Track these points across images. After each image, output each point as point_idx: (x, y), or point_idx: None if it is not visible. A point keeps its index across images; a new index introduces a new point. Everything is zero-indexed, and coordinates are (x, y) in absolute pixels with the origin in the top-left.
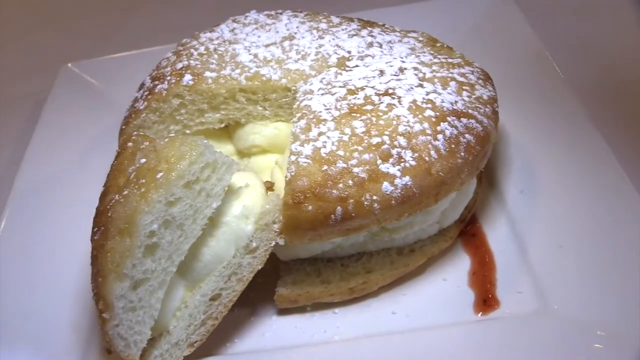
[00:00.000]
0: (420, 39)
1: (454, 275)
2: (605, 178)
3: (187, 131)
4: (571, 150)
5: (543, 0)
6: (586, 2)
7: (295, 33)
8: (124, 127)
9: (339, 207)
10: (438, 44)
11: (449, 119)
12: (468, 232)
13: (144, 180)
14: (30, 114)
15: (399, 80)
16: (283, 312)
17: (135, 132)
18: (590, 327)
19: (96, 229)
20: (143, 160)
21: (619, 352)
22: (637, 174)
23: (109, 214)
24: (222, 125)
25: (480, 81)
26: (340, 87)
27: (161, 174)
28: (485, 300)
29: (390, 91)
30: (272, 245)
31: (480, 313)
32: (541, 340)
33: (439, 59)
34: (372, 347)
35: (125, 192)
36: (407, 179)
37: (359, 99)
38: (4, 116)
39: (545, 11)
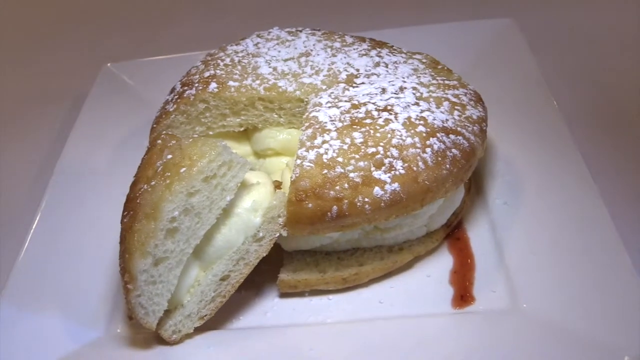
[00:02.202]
0: (424, 60)
1: (437, 273)
2: (580, 198)
3: (210, 132)
4: (553, 170)
5: (549, 29)
6: (592, 33)
7: (312, 50)
8: (154, 125)
9: (334, 206)
10: (439, 66)
11: (438, 135)
12: (454, 235)
13: (169, 174)
14: (71, 109)
15: (398, 98)
16: (284, 295)
17: (164, 132)
18: (554, 325)
19: (126, 212)
20: (169, 156)
21: (578, 349)
22: (613, 196)
23: (138, 201)
24: (242, 128)
25: (471, 102)
26: (345, 101)
27: (184, 169)
28: (463, 296)
29: (389, 107)
30: (276, 236)
31: (457, 307)
32: (509, 333)
33: (437, 80)
34: (359, 329)
35: (153, 183)
36: (396, 185)
37: (360, 113)
38: (47, 109)
39: (549, 39)
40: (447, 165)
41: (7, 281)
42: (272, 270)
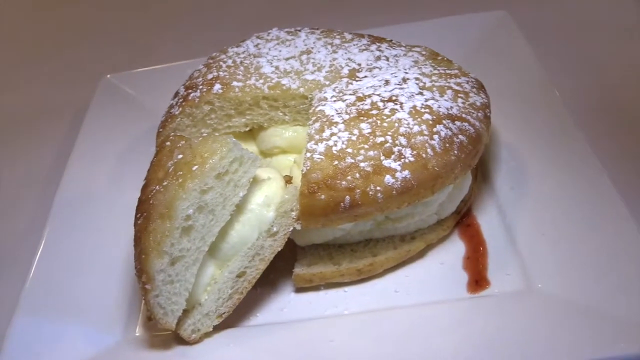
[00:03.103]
0: (423, 52)
1: (450, 260)
2: (583, 175)
3: (216, 134)
4: (557, 153)
5: (540, 18)
6: (583, 21)
7: (312, 48)
8: (160, 130)
9: (347, 196)
10: (439, 57)
11: (444, 122)
12: (464, 222)
13: (181, 173)
14: (72, 122)
15: (401, 88)
16: (299, 290)
17: (172, 134)
18: (571, 302)
19: (139, 215)
20: (180, 156)
21: (595, 324)
22: (618, 175)
23: (151, 202)
24: (247, 128)
25: (474, 89)
26: (350, 94)
27: (196, 166)
28: (477, 281)
29: (394, 98)
30: (290, 229)
31: (473, 292)
32: (526, 314)
33: (438, 70)
34: (377, 319)
35: (165, 183)
36: (406, 172)
37: (366, 104)
38: (49, 124)
39: (542, 28)
40: (455, 151)
41: (22, 291)
42: (286, 266)
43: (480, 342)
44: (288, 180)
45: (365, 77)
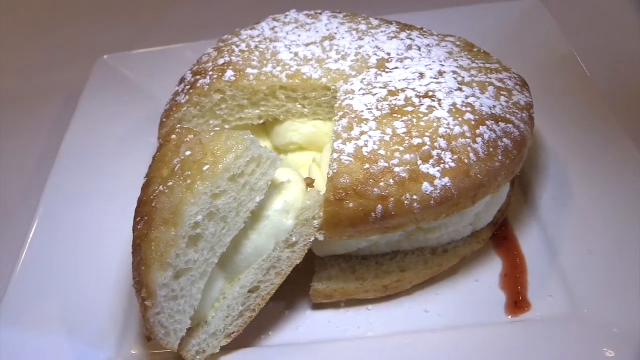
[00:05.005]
0: (458, 43)
1: (486, 277)
2: (635, 187)
3: (227, 126)
4: (603, 158)
5: (574, 7)
6: (616, 9)
7: (336, 33)
8: (164, 119)
9: (379, 206)
10: (475, 49)
11: (487, 122)
12: (500, 235)
13: (189, 172)
14: (65, 105)
15: (438, 83)
16: (317, 307)
17: (179, 126)
18: (621, 332)
19: (139, 218)
20: (188, 153)
21: None
22: None
23: (153, 205)
24: (261, 121)
25: (517, 87)
26: (381, 88)
27: (207, 166)
28: (517, 303)
29: (431, 94)
30: (311, 240)
31: (512, 315)
32: (571, 343)
33: (477, 63)
34: (405, 344)
35: (170, 184)
36: (446, 180)
37: (399, 100)
38: (40, 106)
39: (576, 17)
40: (500, 157)
41: (3, 299)
42: (303, 279)
43: None
44: (310, 183)
45: (396, 68)
